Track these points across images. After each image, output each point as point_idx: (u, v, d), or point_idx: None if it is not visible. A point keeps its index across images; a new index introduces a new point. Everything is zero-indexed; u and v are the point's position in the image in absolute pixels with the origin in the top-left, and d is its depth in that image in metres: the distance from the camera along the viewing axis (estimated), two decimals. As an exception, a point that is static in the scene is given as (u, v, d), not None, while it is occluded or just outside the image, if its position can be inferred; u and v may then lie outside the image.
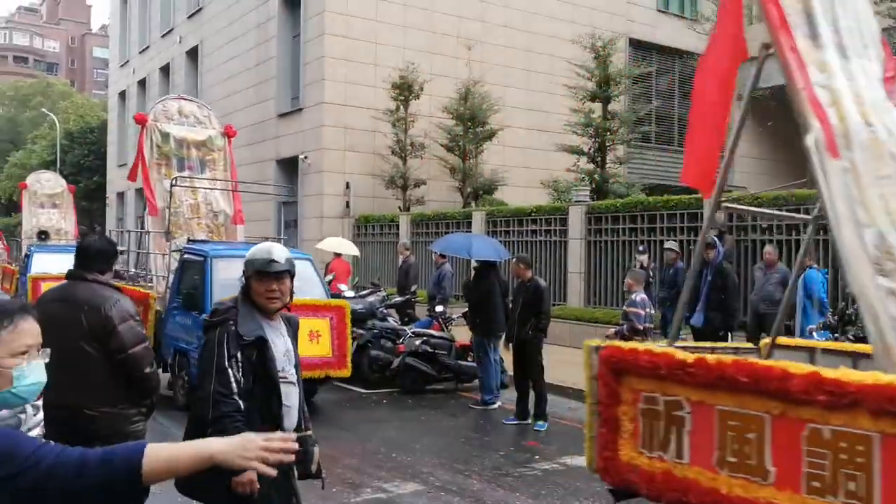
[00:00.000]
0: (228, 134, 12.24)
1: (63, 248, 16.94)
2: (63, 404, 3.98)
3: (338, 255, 14.40)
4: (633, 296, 7.94)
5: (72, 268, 4.26)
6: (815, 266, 10.20)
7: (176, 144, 11.62)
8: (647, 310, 7.78)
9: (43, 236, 19.24)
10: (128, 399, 4.15)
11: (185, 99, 12.35)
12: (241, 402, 3.14)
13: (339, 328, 8.73)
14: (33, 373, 2.09)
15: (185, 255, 9.51)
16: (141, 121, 11.45)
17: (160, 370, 6.73)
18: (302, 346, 6.90)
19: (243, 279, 3.40)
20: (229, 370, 3.16)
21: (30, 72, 79.77)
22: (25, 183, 20.88)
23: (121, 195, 36.56)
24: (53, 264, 14.32)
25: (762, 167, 26.56)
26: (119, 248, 8.18)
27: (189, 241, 10.08)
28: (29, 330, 2.05)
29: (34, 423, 4.92)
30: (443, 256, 12.43)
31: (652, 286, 11.68)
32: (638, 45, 25.02)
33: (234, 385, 3.15)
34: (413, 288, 13.33)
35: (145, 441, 1.88)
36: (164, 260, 10.64)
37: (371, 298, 11.83)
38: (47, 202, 20.65)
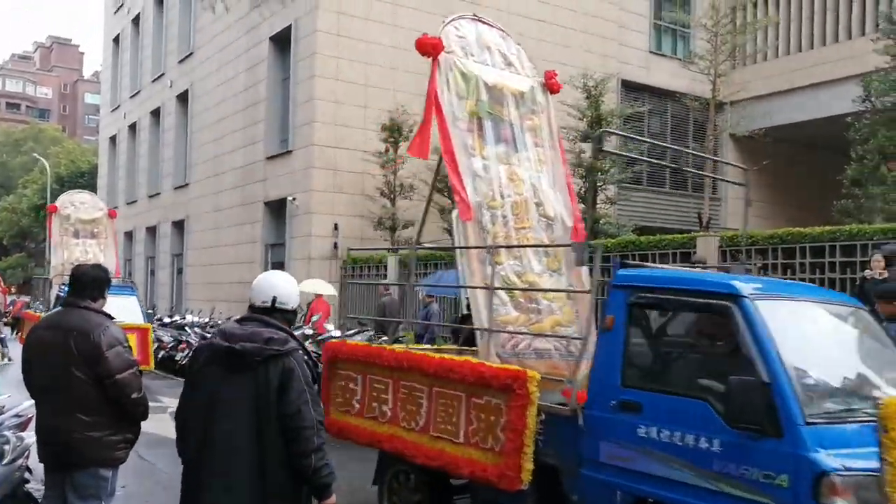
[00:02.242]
0: (552, 87, 7.26)
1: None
2: (54, 427, 4.18)
3: (318, 295, 14.59)
4: None
5: (65, 296, 4.46)
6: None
7: (488, 97, 6.46)
8: None
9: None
10: (113, 425, 4.22)
11: (484, 22, 6.93)
12: None
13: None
14: None
15: (644, 294, 4.72)
16: (433, 48, 6.15)
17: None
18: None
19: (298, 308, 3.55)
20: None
21: (22, 118, 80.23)
22: (55, 205, 17.10)
23: (109, 239, 36.22)
24: None
25: (755, 209, 26.39)
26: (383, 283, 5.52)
27: (623, 264, 5.17)
28: None
29: (20, 451, 4.73)
30: (430, 295, 12.14)
31: None
32: (630, 87, 25.03)
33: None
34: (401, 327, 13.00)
35: None
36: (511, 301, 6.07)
37: (357, 338, 11.50)
38: (83, 230, 16.99)
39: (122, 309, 12.57)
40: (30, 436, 4.81)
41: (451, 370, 5.04)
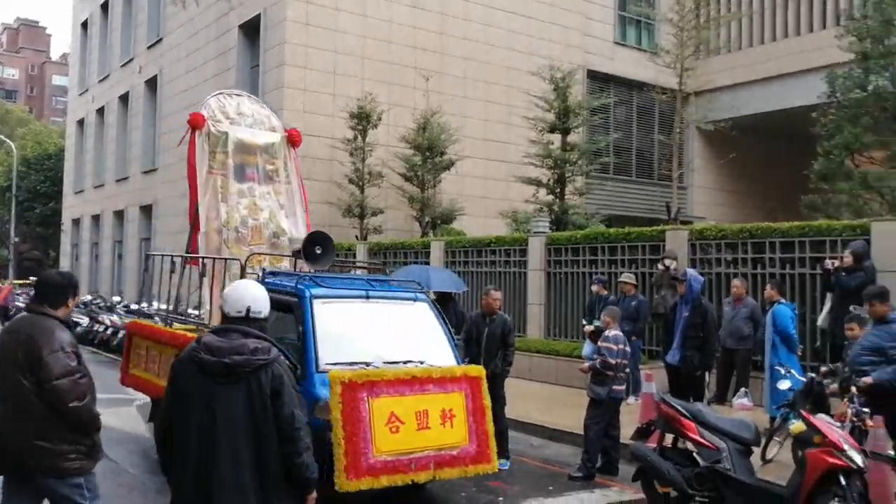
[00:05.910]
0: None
1: (359, 285, 7.18)
2: (7, 434, 4.11)
3: None
4: (608, 332, 7.90)
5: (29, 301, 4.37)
6: (784, 300, 9.86)
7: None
8: (620, 346, 7.79)
9: (318, 249, 7.86)
10: (63, 435, 4.10)
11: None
12: None
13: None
14: None
15: None
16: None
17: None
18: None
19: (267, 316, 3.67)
20: None
21: (-12, 99, 78.47)
22: (201, 114, 8.72)
23: (76, 221, 35.93)
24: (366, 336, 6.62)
25: (721, 198, 26.83)
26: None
27: None
28: None
29: None
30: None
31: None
32: (595, 77, 25.23)
33: None
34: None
35: None
36: None
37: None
38: (250, 165, 8.94)
39: (414, 333, 7.02)
40: None
41: None
